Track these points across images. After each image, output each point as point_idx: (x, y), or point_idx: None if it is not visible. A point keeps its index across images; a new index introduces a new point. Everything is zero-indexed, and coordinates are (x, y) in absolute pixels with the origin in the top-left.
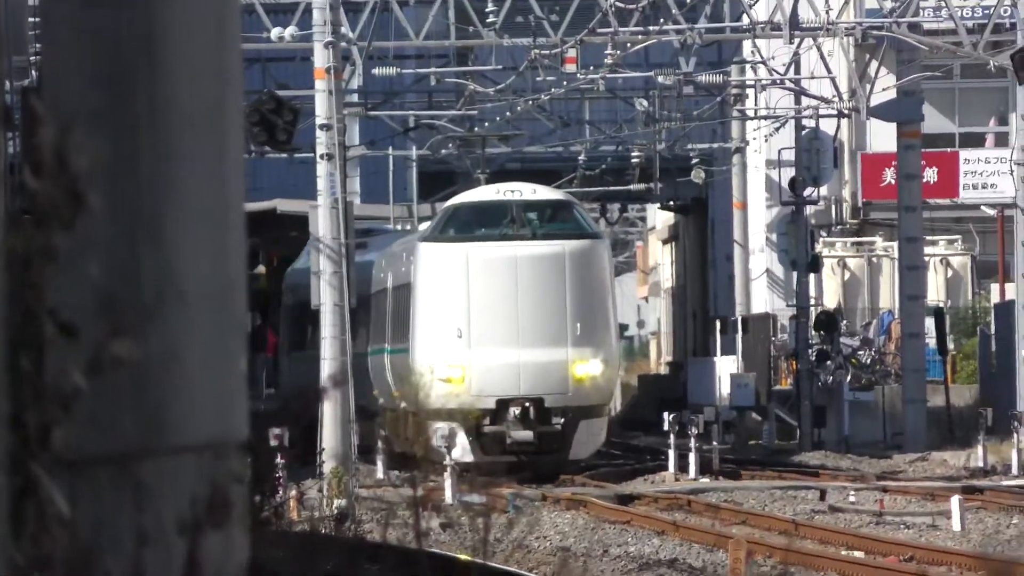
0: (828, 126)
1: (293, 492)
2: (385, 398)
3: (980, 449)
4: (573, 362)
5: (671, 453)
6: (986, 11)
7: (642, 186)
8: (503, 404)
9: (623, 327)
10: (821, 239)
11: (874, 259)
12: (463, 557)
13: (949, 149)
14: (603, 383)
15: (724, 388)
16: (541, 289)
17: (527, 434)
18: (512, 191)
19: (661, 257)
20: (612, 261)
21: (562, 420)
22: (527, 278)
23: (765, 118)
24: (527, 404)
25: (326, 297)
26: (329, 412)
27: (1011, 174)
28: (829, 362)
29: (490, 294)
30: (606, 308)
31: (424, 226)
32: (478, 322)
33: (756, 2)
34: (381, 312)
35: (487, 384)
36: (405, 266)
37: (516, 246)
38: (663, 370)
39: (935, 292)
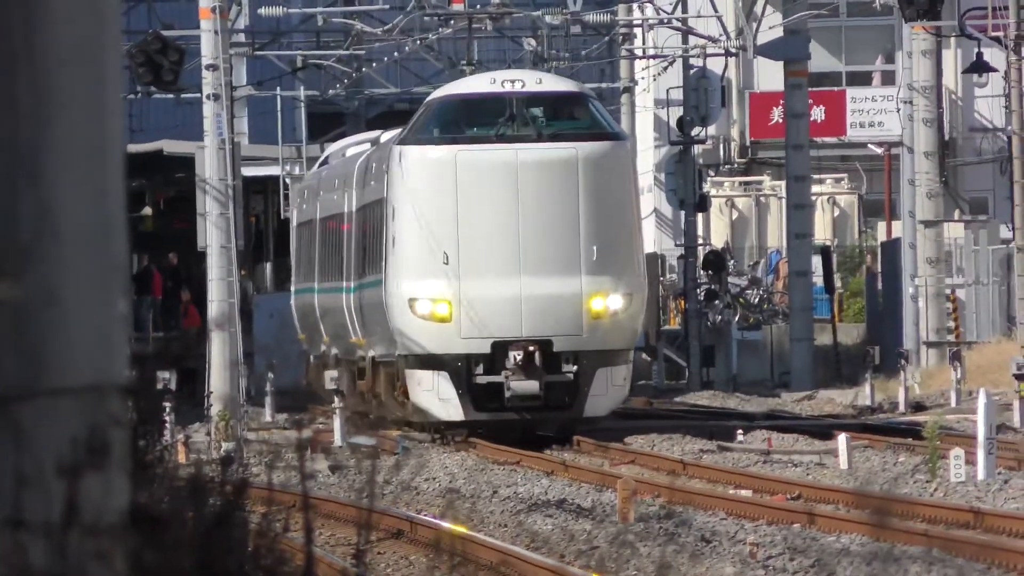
0: (715, 65)
1: (180, 436)
2: (340, 347)
3: (867, 387)
4: (588, 295)
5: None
6: None
7: None
8: (501, 348)
9: None
10: (709, 178)
11: (762, 198)
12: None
13: (836, 88)
14: (626, 321)
15: None
16: (548, 203)
17: (531, 385)
18: (511, 80)
19: None
20: (637, 169)
21: (574, 368)
22: (531, 189)
23: (653, 57)
24: (531, 348)
25: (212, 239)
26: (217, 355)
27: (897, 112)
28: (717, 301)
29: (485, 209)
30: (629, 227)
31: (388, 135)
32: (469, 245)
33: None
34: (335, 241)
35: (481, 323)
36: (375, 179)
37: (516, 149)
38: None
39: (822, 231)
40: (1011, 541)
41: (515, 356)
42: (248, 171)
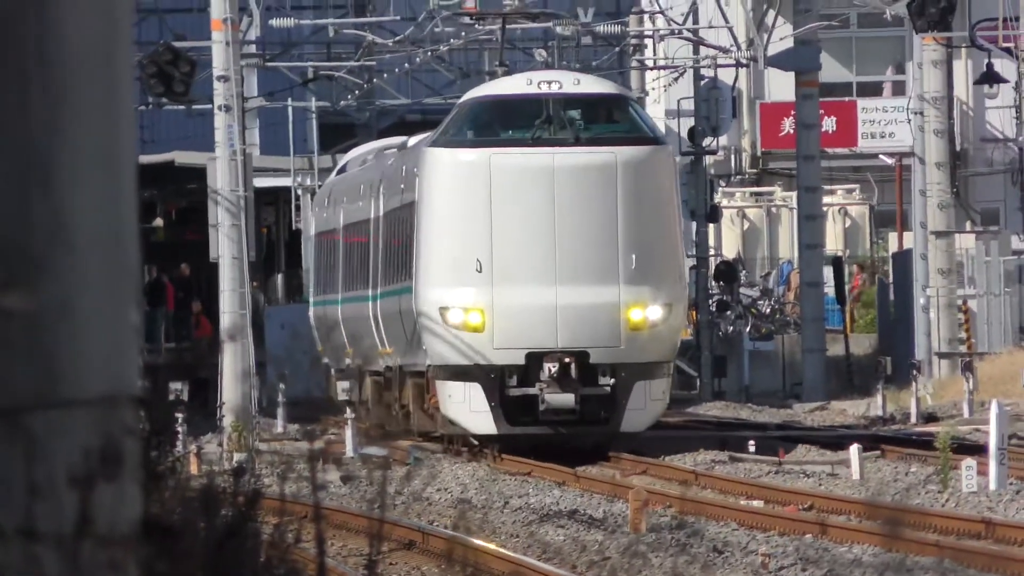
0: (727, 76)
1: (193, 447)
2: (365, 358)
3: (879, 397)
4: (627, 305)
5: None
6: None
7: None
8: (535, 359)
9: None
10: (720, 189)
11: (773, 209)
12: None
13: (847, 98)
14: (665, 333)
15: None
16: (586, 209)
17: (567, 398)
18: (548, 81)
19: None
20: (678, 174)
21: (612, 381)
22: (568, 195)
23: (664, 68)
24: (567, 360)
25: (224, 250)
26: (229, 366)
27: (908, 123)
28: (729, 312)
29: (519, 215)
30: (670, 235)
31: (415, 139)
32: (503, 252)
33: None
34: (360, 249)
35: (515, 333)
36: (404, 182)
37: (553, 153)
38: None
39: (833, 241)
40: (1022, 551)
41: (550, 368)
42: (259, 182)
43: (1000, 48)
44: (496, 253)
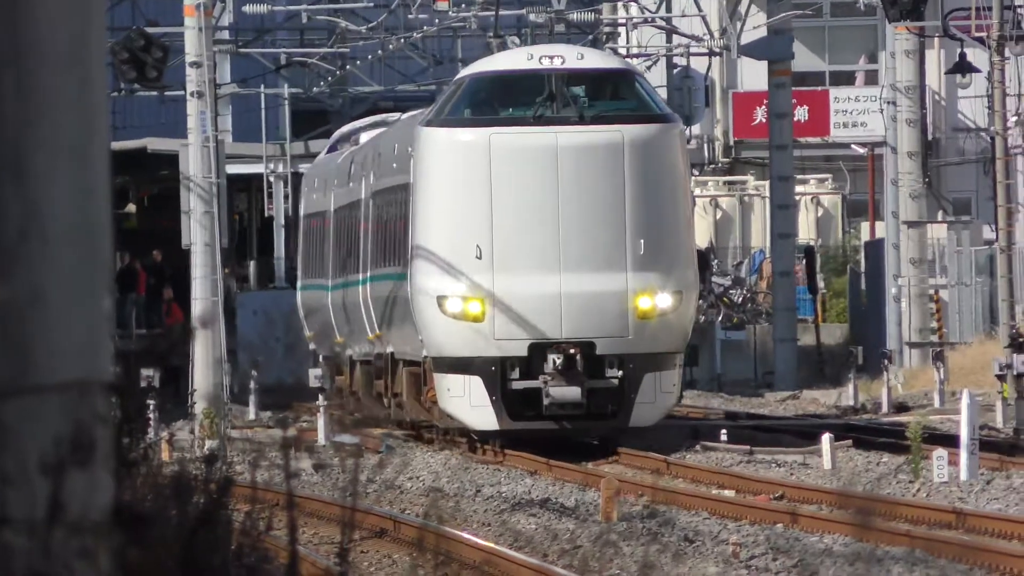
0: (699, 65)
1: (164, 434)
2: (356, 346)
3: (851, 387)
4: (635, 293)
5: None
6: None
7: None
8: (539, 350)
9: None
10: (693, 178)
11: (746, 198)
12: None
13: (819, 87)
14: (675, 322)
15: None
16: (591, 192)
17: (572, 391)
18: (550, 56)
19: None
20: (688, 154)
21: (620, 373)
22: (572, 176)
23: (637, 56)
24: (572, 351)
25: (197, 237)
26: (200, 352)
27: (881, 112)
28: (701, 301)
29: (521, 198)
30: (679, 218)
31: (409, 115)
32: (504, 237)
33: None
34: (352, 232)
35: (517, 323)
36: (397, 161)
37: (556, 132)
38: None
39: (806, 230)
40: (993, 541)
41: (554, 359)
42: (232, 169)
43: (972, 38)
44: (496, 239)
